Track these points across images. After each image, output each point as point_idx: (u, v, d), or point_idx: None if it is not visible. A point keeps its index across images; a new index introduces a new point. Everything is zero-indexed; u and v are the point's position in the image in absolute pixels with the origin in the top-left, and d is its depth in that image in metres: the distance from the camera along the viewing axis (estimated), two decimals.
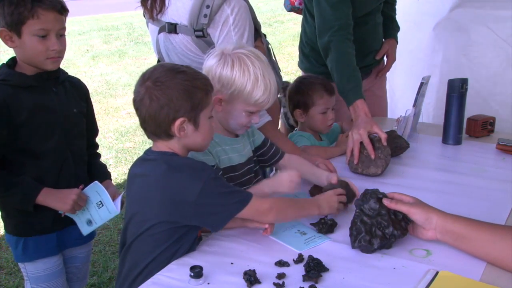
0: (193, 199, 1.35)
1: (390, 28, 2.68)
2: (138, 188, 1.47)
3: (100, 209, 1.77)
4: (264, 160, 1.89)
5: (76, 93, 1.89)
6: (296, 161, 1.92)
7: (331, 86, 2.29)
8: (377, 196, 1.47)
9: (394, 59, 2.72)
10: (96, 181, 1.80)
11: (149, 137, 1.48)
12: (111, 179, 1.98)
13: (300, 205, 1.56)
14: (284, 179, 1.63)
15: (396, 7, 2.75)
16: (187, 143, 1.46)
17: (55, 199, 1.73)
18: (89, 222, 1.80)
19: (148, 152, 1.50)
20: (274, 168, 2.16)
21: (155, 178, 1.42)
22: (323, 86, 2.29)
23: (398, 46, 2.72)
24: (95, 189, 1.78)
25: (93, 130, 2.02)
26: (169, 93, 1.38)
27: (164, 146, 1.46)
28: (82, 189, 1.78)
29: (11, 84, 1.70)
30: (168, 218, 1.41)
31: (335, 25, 2.19)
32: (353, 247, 1.45)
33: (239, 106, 1.65)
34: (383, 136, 1.99)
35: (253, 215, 1.46)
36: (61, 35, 1.73)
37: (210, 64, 1.66)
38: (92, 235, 1.96)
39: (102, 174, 1.97)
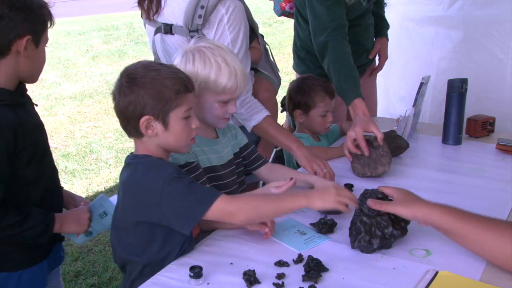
0: (157, 200, 1.34)
1: (381, 27, 2.69)
2: (119, 195, 1.49)
3: (103, 219, 1.69)
4: (246, 164, 1.88)
5: (29, 99, 1.61)
6: (279, 169, 1.90)
7: (332, 89, 2.29)
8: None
9: (386, 57, 2.74)
10: (103, 194, 1.72)
11: (128, 135, 1.48)
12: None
13: (279, 199, 1.46)
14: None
15: (395, 6, 2.76)
16: (159, 143, 1.44)
17: (71, 223, 1.59)
18: (89, 233, 1.69)
19: (127, 156, 1.49)
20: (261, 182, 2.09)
21: (123, 184, 1.44)
22: (324, 88, 2.29)
23: (395, 45, 2.73)
24: (100, 203, 1.69)
25: None
26: (137, 90, 1.37)
27: (140, 145, 1.46)
28: (85, 204, 1.69)
29: (5, 104, 1.45)
30: (141, 219, 1.39)
31: (331, 26, 2.19)
32: (353, 247, 1.45)
33: (208, 98, 1.63)
34: (379, 136, 1.96)
35: (221, 217, 1.38)
36: None
37: (175, 64, 1.64)
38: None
39: None
